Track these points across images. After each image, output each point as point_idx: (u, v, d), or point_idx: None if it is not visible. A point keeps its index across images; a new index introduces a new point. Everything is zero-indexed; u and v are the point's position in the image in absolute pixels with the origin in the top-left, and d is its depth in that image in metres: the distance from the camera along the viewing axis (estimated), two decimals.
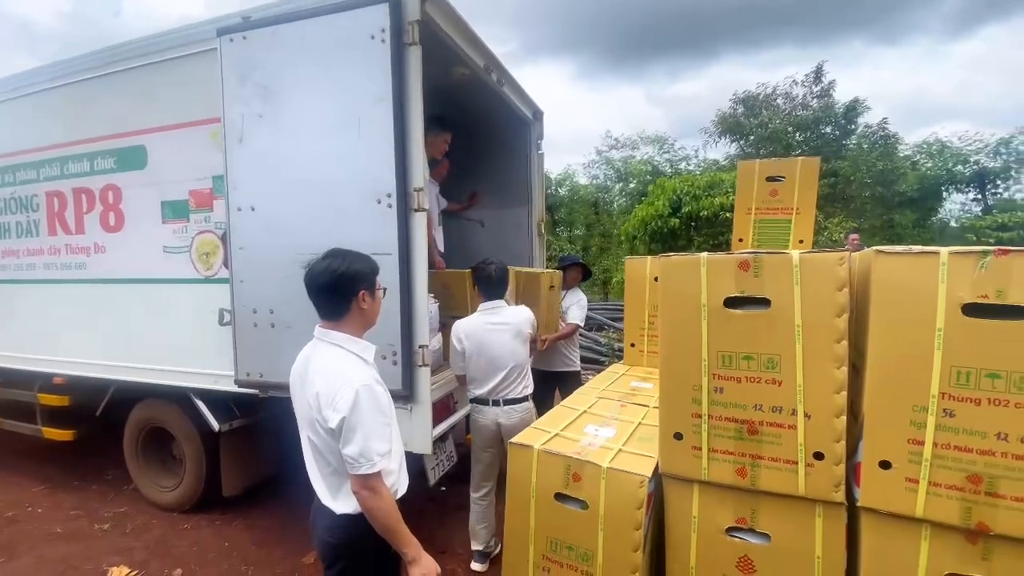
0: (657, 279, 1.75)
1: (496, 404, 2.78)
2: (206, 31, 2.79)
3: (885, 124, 15.94)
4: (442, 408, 3.05)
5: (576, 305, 3.97)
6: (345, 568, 1.63)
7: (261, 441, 3.47)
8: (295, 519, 3.35)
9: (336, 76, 2.44)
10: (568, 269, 4.08)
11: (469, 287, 3.20)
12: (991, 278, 1.24)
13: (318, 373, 1.57)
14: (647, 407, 2.17)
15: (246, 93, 2.61)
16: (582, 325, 4.12)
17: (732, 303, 1.49)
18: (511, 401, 2.77)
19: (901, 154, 15.63)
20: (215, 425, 3.22)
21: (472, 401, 2.89)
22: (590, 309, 6.06)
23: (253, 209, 2.65)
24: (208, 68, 2.75)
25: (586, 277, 4.29)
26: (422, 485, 3.03)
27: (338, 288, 1.59)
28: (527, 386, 2.86)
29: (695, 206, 11.20)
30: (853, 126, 16.36)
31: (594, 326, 9.56)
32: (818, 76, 16.80)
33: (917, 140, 16.11)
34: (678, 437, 1.55)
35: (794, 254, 1.42)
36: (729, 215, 3.55)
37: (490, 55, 3.22)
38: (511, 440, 1.85)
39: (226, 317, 2.85)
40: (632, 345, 3.08)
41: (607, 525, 1.59)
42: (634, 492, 1.55)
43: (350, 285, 1.59)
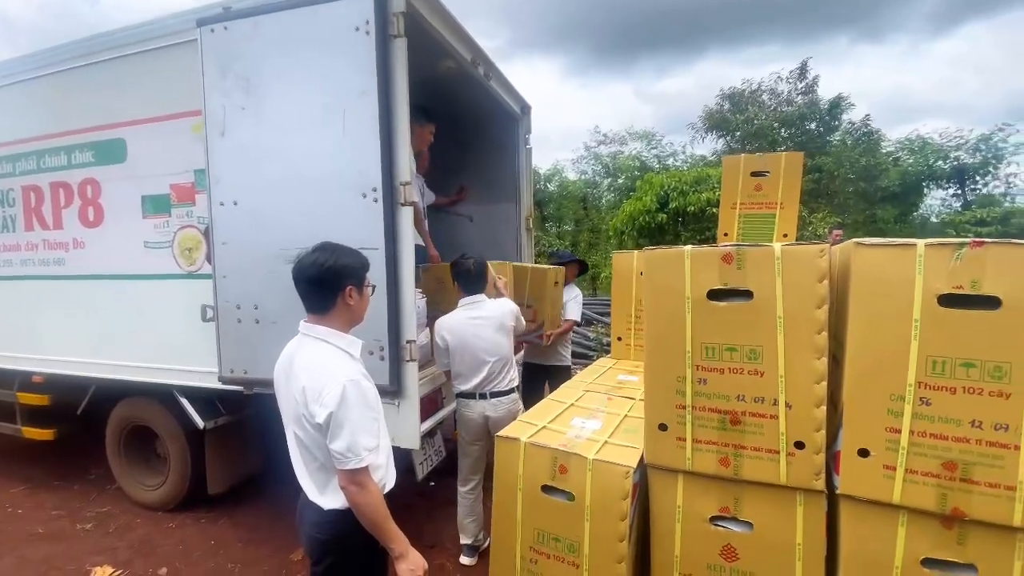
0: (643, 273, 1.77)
1: (483, 397, 2.79)
2: (186, 21, 2.74)
3: (868, 120, 16.18)
4: (430, 403, 3.05)
5: (573, 301, 4.04)
6: (333, 564, 1.63)
7: (247, 438, 3.44)
8: (282, 516, 3.33)
9: (320, 68, 2.41)
10: (566, 266, 4.13)
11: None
12: (966, 269, 1.27)
13: (304, 368, 1.56)
14: (633, 400, 2.19)
15: (227, 85, 2.57)
16: (579, 320, 4.20)
17: (715, 295, 1.50)
18: (497, 394, 2.79)
19: (883, 150, 15.86)
20: (199, 423, 3.18)
21: (458, 396, 2.89)
22: None
23: (236, 203, 2.62)
24: (188, 59, 2.70)
25: (582, 272, 4.36)
26: (410, 480, 3.03)
27: (324, 282, 1.58)
28: (513, 378, 2.87)
29: (682, 201, 11.27)
30: (837, 122, 16.56)
31: (583, 321, 9.60)
32: (803, 73, 16.97)
33: (899, 136, 16.36)
34: (663, 428, 1.57)
35: (776, 247, 1.43)
36: (715, 210, 3.61)
37: (477, 48, 3.21)
38: (498, 433, 1.85)
39: (209, 313, 2.82)
40: (619, 339, 3.10)
41: (593, 516, 1.61)
42: (619, 483, 1.57)
43: (337, 280, 1.58)
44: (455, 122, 4.15)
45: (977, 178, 15.01)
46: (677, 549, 1.58)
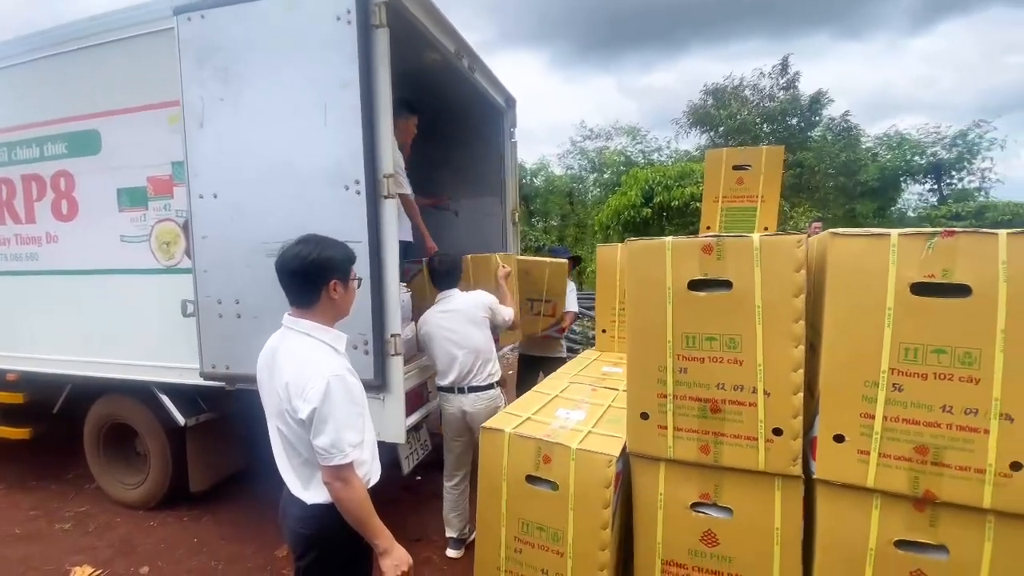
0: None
1: (461, 392, 2.80)
2: (162, 9, 2.67)
3: (847, 116, 16.45)
4: (415, 397, 3.04)
5: (571, 293, 4.09)
6: (317, 558, 1.62)
7: (230, 435, 3.40)
8: (266, 513, 3.30)
9: (300, 58, 2.38)
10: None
11: (470, 273, 3.25)
12: (938, 258, 1.30)
13: (287, 362, 1.54)
14: (617, 390, 2.21)
15: (205, 75, 2.52)
16: (577, 312, 4.30)
17: (696, 286, 1.52)
18: (475, 389, 2.78)
19: (863, 145, 16.16)
20: (180, 420, 3.14)
21: (439, 390, 2.90)
22: None
23: (215, 196, 2.58)
24: (165, 49, 2.65)
25: (575, 267, 4.43)
26: (396, 474, 3.03)
27: (308, 276, 1.55)
28: (491, 374, 2.85)
29: (666, 196, 11.38)
30: (817, 118, 16.82)
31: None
32: (784, 68, 17.18)
33: (878, 132, 16.69)
34: (644, 417, 1.59)
35: (755, 237, 1.46)
36: (699, 205, 3.64)
37: (460, 40, 3.19)
38: (483, 424, 1.86)
39: (189, 308, 2.77)
40: (604, 331, 3.12)
41: (577, 505, 1.62)
42: (602, 471, 1.58)
43: (321, 273, 1.55)
44: (439, 115, 4.12)
45: (953, 173, 15.36)
46: (659, 536, 1.60)
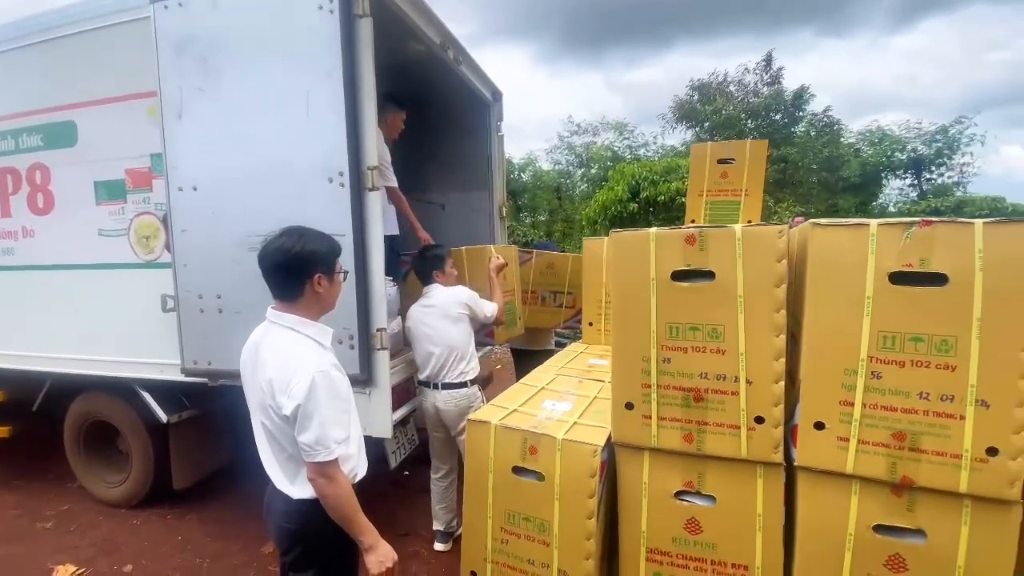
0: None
1: (435, 388, 2.80)
2: None
3: (828, 111, 16.66)
4: (402, 392, 3.03)
5: None
6: (302, 553, 1.61)
7: (213, 432, 3.36)
8: (251, 510, 3.26)
9: (282, 48, 2.34)
10: None
11: (465, 266, 3.24)
12: (915, 248, 1.32)
13: (271, 357, 1.52)
14: (603, 382, 2.22)
15: (184, 65, 2.47)
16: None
17: (679, 276, 1.53)
18: (448, 386, 2.76)
19: (845, 141, 16.39)
20: (163, 417, 3.09)
21: (417, 384, 2.91)
22: None
23: (195, 189, 2.53)
24: (142, 38, 2.59)
25: None
26: (384, 469, 3.02)
27: (291, 269, 1.52)
28: (465, 372, 2.80)
29: (653, 191, 11.43)
30: (801, 113, 17.00)
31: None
32: (768, 64, 17.33)
33: (860, 128, 16.93)
34: (629, 407, 1.60)
35: (736, 228, 1.47)
36: (685, 199, 3.66)
37: (446, 32, 3.16)
38: (469, 416, 1.86)
39: (170, 303, 2.73)
40: (590, 324, 3.13)
41: (563, 495, 1.63)
42: (588, 461, 1.59)
43: (304, 266, 1.52)
44: (425, 107, 4.08)
45: (933, 169, 15.65)
46: (644, 524, 1.61)
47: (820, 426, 1.41)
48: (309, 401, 1.42)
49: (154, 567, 2.89)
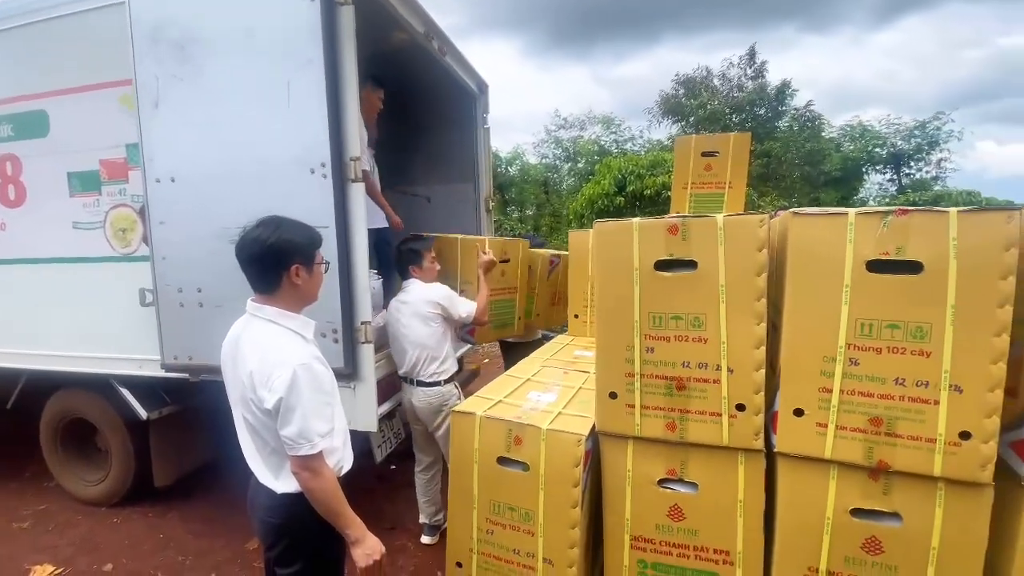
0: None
1: (411, 384, 2.77)
2: None
3: (810, 106, 16.87)
4: (388, 385, 3.01)
5: None
6: (287, 548, 1.59)
7: (195, 428, 3.30)
8: (235, 507, 3.23)
9: (261, 35, 2.29)
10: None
11: (459, 257, 3.11)
12: (892, 236, 1.34)
13: (252, 351, 1.49)
14: (588, 373, 2.23)
15: (160, 52, 2.41)
16: None
17: (662, 266, 1.54)
18: (422, 384, 2.73)
19: (826, 136, 16.63)
20: (142, 413, 3.03)
21: (400, 378, 2.89)
22: None
23: (173, 180, 2.48)
24: (116, 24, 2.51)
25: None
26: (371, 463, 3.01)
27: (267, 260, 1.49)
28: (438, 372, 2.73)
29: (639, 185, 11.51)
30: (783, 107, 17.20)
31: None
32: (751, 58, 17.48)
33: (842, 123, 17.19)
34: (613, 396, 1.61)
35: (718, 218, 1.48)
36: (671, 193, 3.69)
37: (430, 21, 3.12)
38: (454, 408, 1.86)
39: (148, 297, 2.67)
40: (576, 316, 3.14)
41: (547, 484, 1.64)
42: (572, 451, 1.60)
43: (281, 257, 1.49)
44: (409, 98, 4.04)
45: (912, 163, 15.96)
46: (628, 512, 1.63)
47: (799, 413, 1.43)
48: (291, 394, 1.40)
49: (135, 565, 2.85)
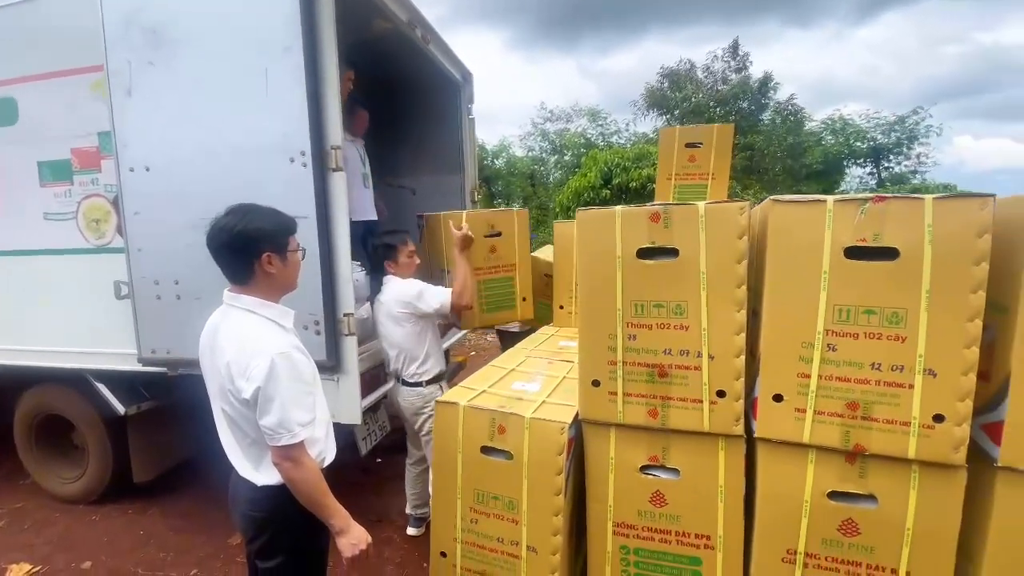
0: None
1: (397, 380, 2.75)
2: None
3: (793, 100, 17.07)
4: (372, 378, 2.99)
5: None
6: (269, 540, 1.57)
7: (174, 423, 3.25)
8: (217, 502, 3.16)
9: (238, 20, 2.24)
10: None
11: (444, 234, 2.87)
12: (869, 223, 1.36)
13: (229, 341, 1.47)
14: (572, 363, 2.23)
15: (132, 37, 2.34)
16: None
17: (644, 254, 1.54)
18: (406, 383, 2.70)
19: (807, 129, 16.85)
20: (120, 409, 2.97)
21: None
22: None
23: (148, 169, 2.42)
24: (86, 8, 2.43)
25: None
26: (356, 457, 2.99)
27: (236, 249, 1.45)
28: (419, 373, 2.66)
29: (625, 177, 11.54)
30: (766, 100, 17.37)
31: None
32: (735, 51, 17.59)
33: (823, 117, 17.43)
34: (596, 384, 1.62)
35: (700, 205, 1.48)
36: (655, 185, 3.71)
37: (413, 9, 3.08)
38: (437, 399, 1.85)
39: (124, 290, 2.61)
40: (561, 307, 3.14)
41: (531, 473, 1.64)
42: (555, 439, 1.60)
43: (250, 246, 1.45)
44: (393, 88, 3.99)
45: (891, 157, 16.24)
46: (610, 499, 1.64)
47: (779, 398, 1.45)
48: (269, 383, 1.38)
49: (114, 563, 2.80)
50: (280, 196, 2.19)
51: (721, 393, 1.50)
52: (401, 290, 2.64)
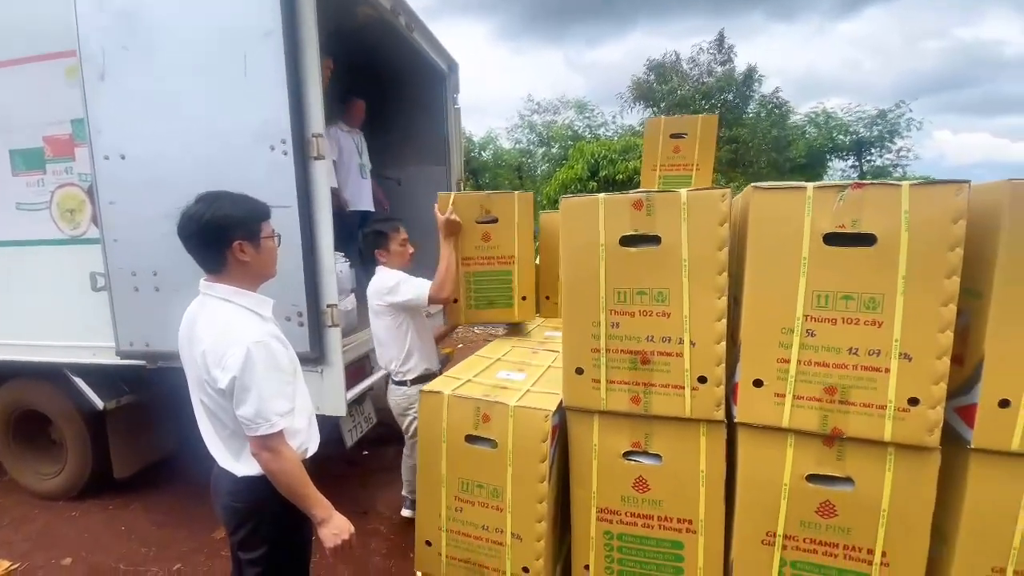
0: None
1: (389, 377, 2.73)
2: None
3: (778, 93, 17.19)
4: (358, 370, 2.98)
5: None
6: (251, 531, 1.57)
7: (155, 417, 3.21)
8: (200, 496, 3.14)
9: (216, 3, 2.19)
10: None
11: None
12: (848, 209, 1.37)
13: (206, 330, 1.45)
14: (557, 352, 2.23)
15: (106, 21, 2.28)
16: None
17: (627, 241, 1.54)
18: (393, 381, 2.68)
19: (791, 122, 17.00)
20: (98, 403, 2.93)
21: None
22: None
23: (123, 157, 2.36)
24: None
25: None
26: (342, 449, 2.98)
27: (205, 238, 1.43)
28: (402, 372, 2.63)
29: (611, 170, 11.58)
30: (751, 92, 17.47)
31: None
32: (720, 44, 17.64)
33: (807, 110, 17.58)
34: (579, 372, 1.62)
35: (682, 192, 1.49)
36: (641, 177, 3.72)
37: None
38: (421, 388, 1.84)
39: (100, 282, 2.56)
40: (547, 298, 3.13)
41: (515, 460, 1.64)
42: (539, 426, 1.61)
43: (220, 234, 1.43)
44: (377, 78, 3.95)
45: (873, 151, 16.47)
46: (594, 485, 1.65)
47: (759, 383, 1.46)
48: (245, 373, 1.36)
49: (95, 558, 2.76)
50: (260, 185, 2.16)
51: (702, 379, 1.51)
52: (380, 281, 2.59)
